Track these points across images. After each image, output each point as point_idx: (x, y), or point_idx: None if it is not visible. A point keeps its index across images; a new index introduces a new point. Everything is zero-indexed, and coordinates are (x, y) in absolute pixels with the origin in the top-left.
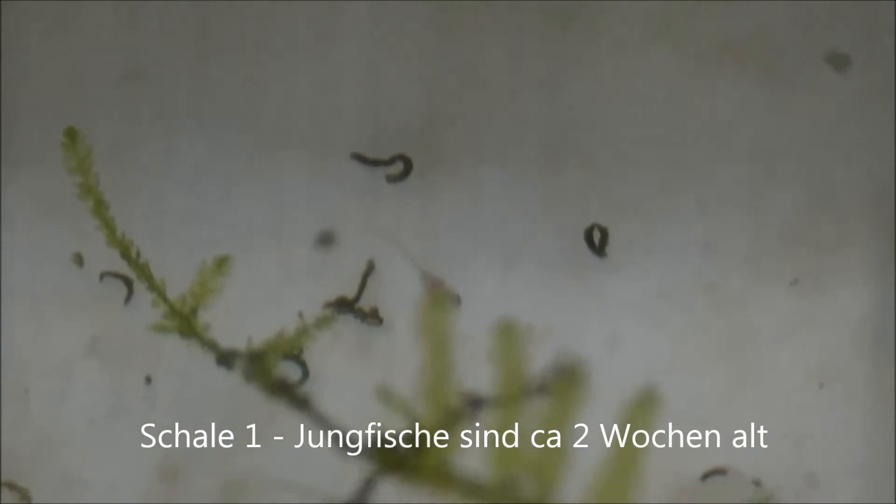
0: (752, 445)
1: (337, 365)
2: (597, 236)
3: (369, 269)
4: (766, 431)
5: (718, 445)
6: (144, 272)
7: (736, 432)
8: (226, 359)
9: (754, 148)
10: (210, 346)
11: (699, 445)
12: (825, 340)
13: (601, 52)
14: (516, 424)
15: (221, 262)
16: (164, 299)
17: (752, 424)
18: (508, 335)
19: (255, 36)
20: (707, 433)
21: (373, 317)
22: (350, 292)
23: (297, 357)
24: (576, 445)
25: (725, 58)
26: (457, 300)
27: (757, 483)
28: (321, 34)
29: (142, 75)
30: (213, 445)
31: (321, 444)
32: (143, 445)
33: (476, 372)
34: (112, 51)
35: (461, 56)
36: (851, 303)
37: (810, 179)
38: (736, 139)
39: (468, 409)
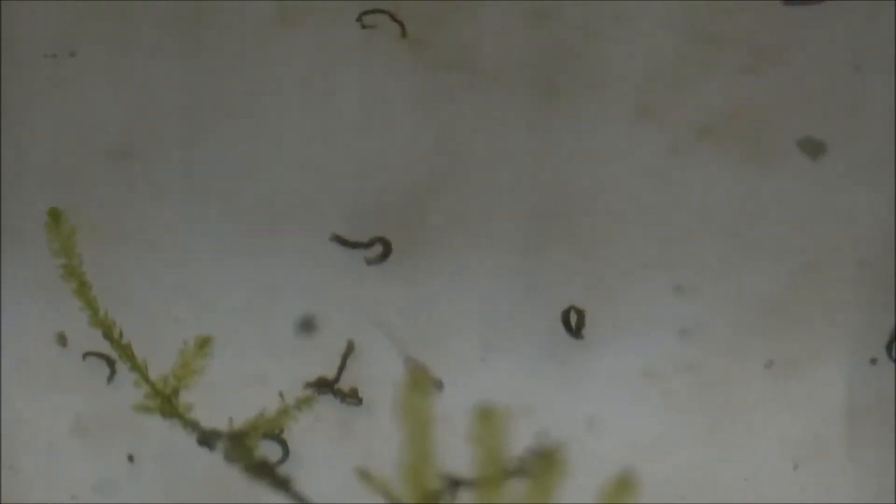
0: None
1: (317, 445)
2: (573, 318)
3: (349, 350)
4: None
5: None
6: (126, 352)
7: None
8: (207, 439)
9: (732, 229)
10: (192, 426)
11: None
12: (800, 420)
13: (585, 130)
14: None
15: (203, 343)
16: (146, 380)
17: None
18: (488, 419)
19: (242, 115)
20: None
21: (352, 397)
22: (330, 373)
23: (277, 437)
24: None
25: (705, 139)
26: (439, 385)
27: None
28: (308, 114)
29: (129, 154)
30: None
31: None
32: None
33: (456, 454)
34: (100, 129)
35: (444, 133)
36: (825, 382)
37: (787, 260)
38: (715, 220)
39: (448, 490)
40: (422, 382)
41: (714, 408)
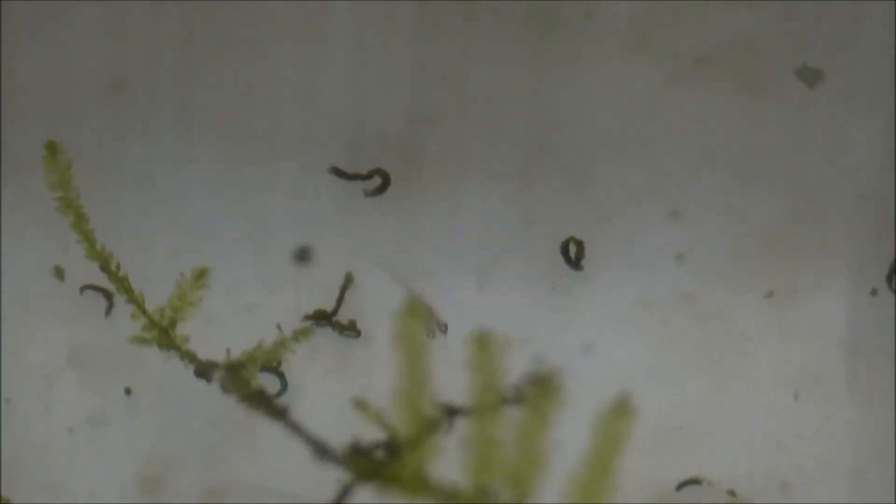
0: (728, 454)
1: (316, 377)
2: (573, 249)
3: (347, 283)
4: (741, 440)
5: (694, 454)
6: (124, 285)
7: (711, 441)
8: (204, 370)
9: (730, 158)
10: (189, 357)
11: (675, 453)
12: (800, 350)
13: (582, 60)
14: (492, 432)
15: (200, 275)
16: (143, 312)
17: (728, 433)
18: (484, 345)
19: (237, 48)
20: (683, 441)
21: (351, 329)
22: (328, 305)
23: (275, 369)
24: (552, 452)
25: (702, 69)
26: (444, 328)
27: (731, 492)
28: (304, 47)
29: (125, 86)
30: (194, 454)
31: (300, 453)
32: (124, 454)
33: (453, 382)
34: (96, 61)
35: (442, 64)
36: (826, 313)
37: (786, 190)
38: (712, 150)
39: (445, 418)
40: (417, 311)
41: (713, 337)
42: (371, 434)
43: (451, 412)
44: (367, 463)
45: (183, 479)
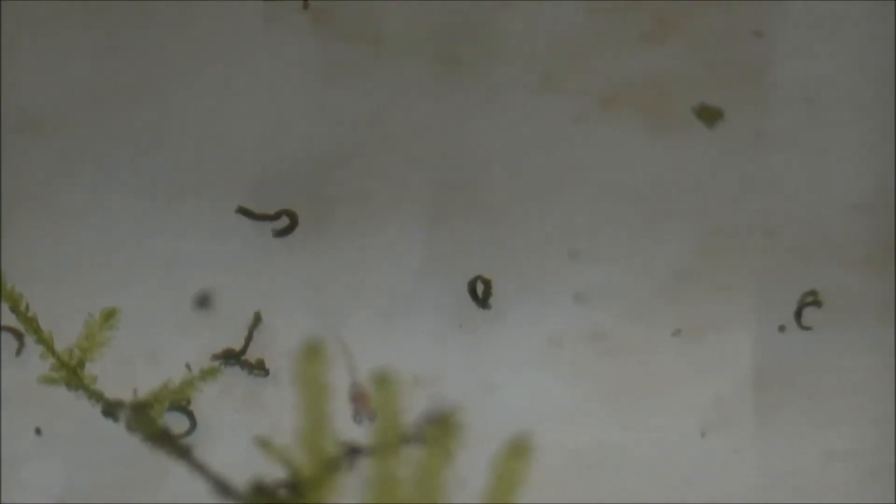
0: (635, 491)
1: (225, 416)
2: (480, 288)
3: (256, 322)
4: (648, 477)
5: (602, 491)
6: (32, 325)
7: (620, 479)
8: (111, 409)
9: (636, 197)
10: (96, 397)
11: (583, 491)
12: (708, 387)
13: (489, 101)
14: (393, 470)
15: (109, 315)
16: (52, 352)
17: (636, 471)
18: (385, 385)
19: (148, 90)
20: (591, 479)
21: (259, 368)
22: (237, 345)
23: (184, 408)
24: (453, 490)
25: (609, 108)
26: (372, 416)
27: None
28: (213, 89)
29: (39, 125)
30: (103, 493)
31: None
32: (35, 493)
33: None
34: (9, 103)
35: (350, 106)
36: (734, 350)
37: (692, 228)
38: (619, 188)
39: (346, 457)
40: (318, 352)
41: (621, 375)
42: (276, 473)
43: (353, 451)
44: (268, 501)
45: None
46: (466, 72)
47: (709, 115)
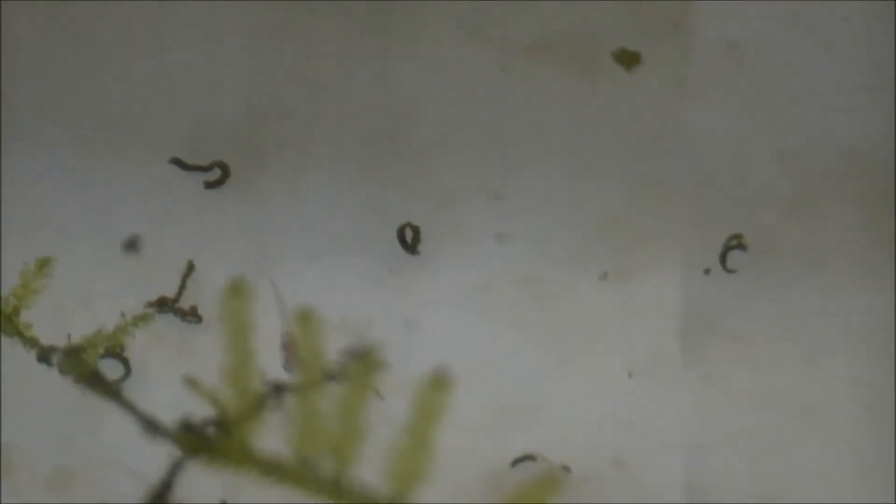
0: (563, 432)
1: (159, 362)
2: (409, 235)
3: (189, 270)
4: (576, 419)
5: (530, 432)
6: None
7: (547, 420)
8: (45, 355)
9: (563, 144)
10: (31, 343)
11: (511, 432)
12: (635, 330)
13: (419, 51)
14: (315, 406)
15: (43, 264)
16: None
17: (564, 412)
18: (307, 322)
19: (86, 44)
20: (519, 420)
21: (192, 315)
22: (171, 294)
23: (119, 355)
24: (373, 425)
25: (534, 56)
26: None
27: (566, 468)
28: (148, 43)
29: None
30: (41, 439)
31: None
32: None
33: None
34: None
35: (283, 58)
36: (660, 293)
37: (619, 174)
38: (546, 136)
39: (271, 395)
40: (242, 291)
41: (549, 318)
42: (205, 413)
43: (278, 389)
44: (195, 438)
45: (31, 464)
46: (393, 24)
47: (627, 60)
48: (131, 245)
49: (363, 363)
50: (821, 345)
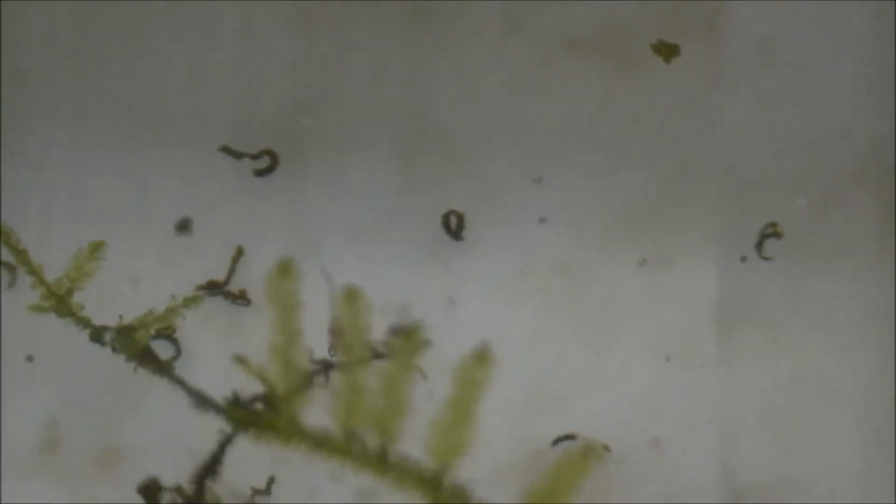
0: (602, 414)
1: (208, 343)
2: (453, 221)
3: (238, 255)
4: (615, 401)
5: (569, 414)
6: (24, 258)
7: (587, 402)
8: (98, 334)
9: (601, 134)
10: (84, 323)
11: (551, 414)
12: (672, 316)
13: (457, 46)
14: (361, 382)
15: (96, 248)
16: (42, 281)
17: (602, 395)
18: (353, 300)
19: (132, 39)
20: (559, 403)
21: (241, 298)
22: (221, 278)
23: (169, 336)
24: (415, 400)
25: (573, 51)
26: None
27: (606, 448)
28: (194, 35)
29: (24, 75)
30: (90, 416)
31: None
32: (25, 418)
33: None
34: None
35: (325, 53)
36: (697, 280)
37: (655, 163)
38: (583, 126)
39: (319, 372)
40: (289, 271)
41: (588, 304)
42: (254, 390)
43: (325, 366)
44: (245, 413)
45: (80, 441)
46: (434, 20)
47: (666, 52)
48: (183, 226)
49: (407, 340)
50: (848, 330)
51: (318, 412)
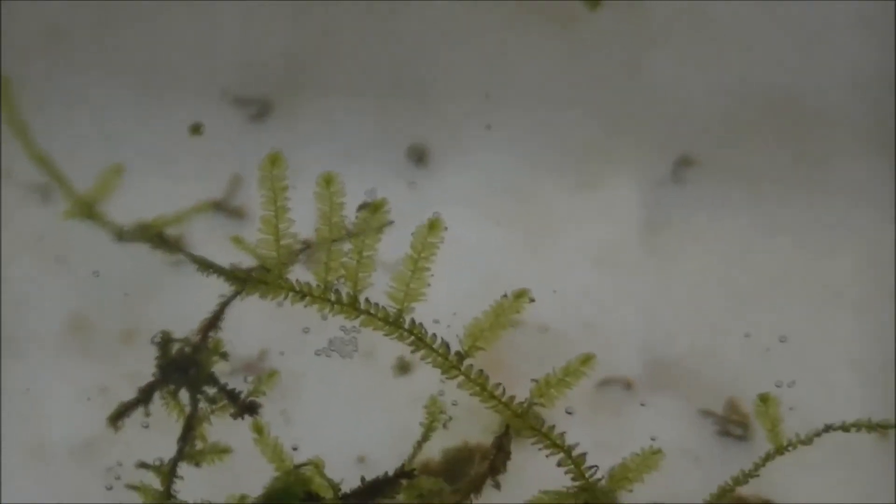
0: (542, 304)
1: (212, 249)
2: (418, 152)
3: (237, 180)
4: (552, 295)
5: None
6: (58, 176)
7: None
8: (119, 234)
9: (544, 81)
10: (108, 226)
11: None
12: (601, 229)
13: (425, 14)
14: (336, 250)
15: (117, 170)
16: (73, 193)
17: (543, 290)
18: (328, 183)
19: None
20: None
21: (238, 214)
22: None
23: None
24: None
25: (521, 11)
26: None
27: (544, 329)
28: (201, 6)
29: (60, 33)
30: (112, 303)
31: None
32: (57, 305)
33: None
34: (35, 15)
35: (316, 17)
36: (623, 199)
37: (590, 106)
38: (532, 77)
39: (300, 248)
40: (277, 160)
41: (530, 218)
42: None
43: (305, 244)
44: (244, 278)
45: (104, 325)
46: None
47: (591, 2)
48: (196, 130)
49: (373, 212)
50: (752, 239)
51: (301, 272)
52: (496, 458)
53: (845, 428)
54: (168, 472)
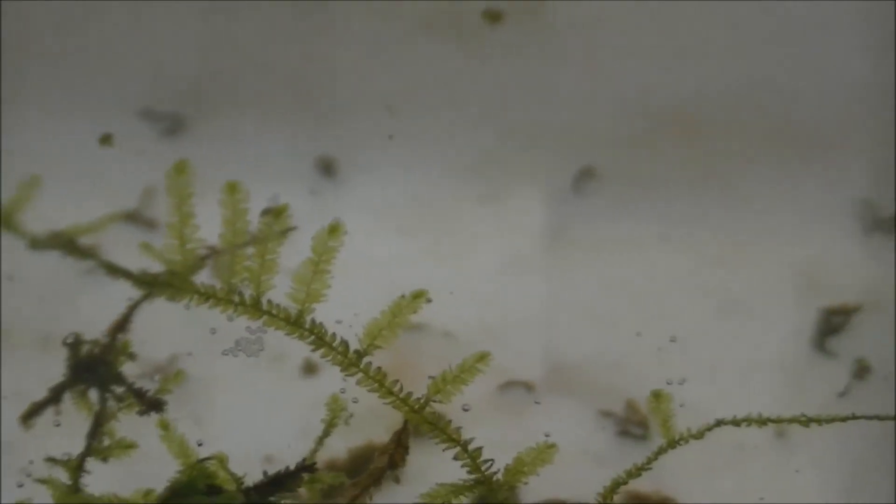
0: (448, 311)
1: (124, 258)
2: (325, 164)
3: (150, 192)
4: (458, 302)
5: (422, 313)
6: None
7: (436, 302)
8: (34, 243)
9: (446, 97)
10: (23, 236)
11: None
12: (506, 240)
13: (334, 30)
14: (239, 252)
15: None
16: None
17: (445, 293)
18: (233, 191)
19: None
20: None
21: (149, 224)
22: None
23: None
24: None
25: (424, 28)
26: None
27: (447, 334)
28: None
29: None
30: (32, 316)
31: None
32: None
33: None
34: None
35: (225, 30)
36: (526, 211)
37: (490, 121)
38: (434, 88)
39: (206, 255)
40: (183, 168)
41: (437, 229)
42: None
43: (211, 249)
44: (151, 277)
45: (25, 333)
46: (318, 9)
47: (491, 17)
48: (106, 140)
49: (275, 217)
50: (651, 248)
51: (208, 277)
52: (395, 453)
53: (736, 423)
54: (76, 467)
